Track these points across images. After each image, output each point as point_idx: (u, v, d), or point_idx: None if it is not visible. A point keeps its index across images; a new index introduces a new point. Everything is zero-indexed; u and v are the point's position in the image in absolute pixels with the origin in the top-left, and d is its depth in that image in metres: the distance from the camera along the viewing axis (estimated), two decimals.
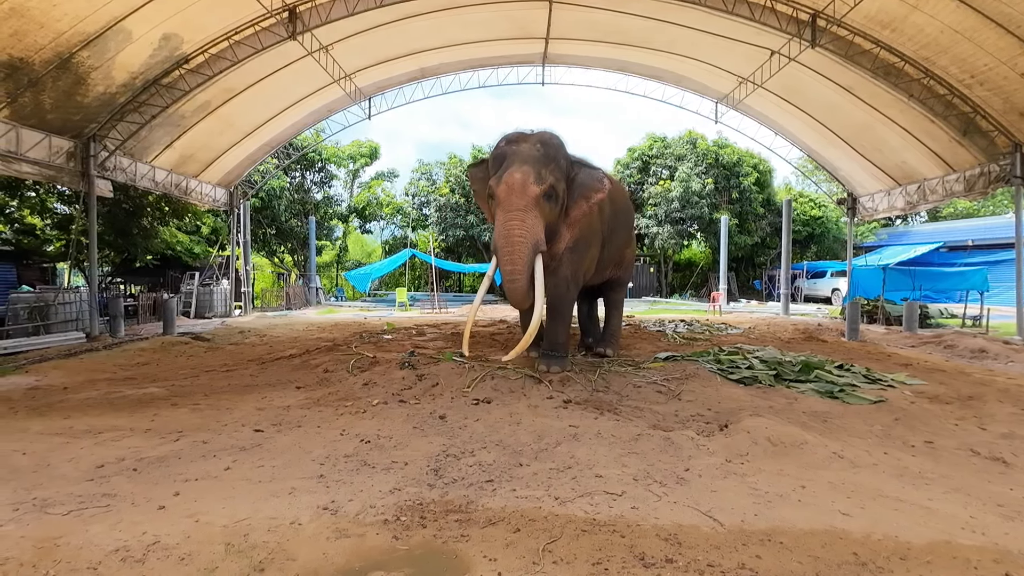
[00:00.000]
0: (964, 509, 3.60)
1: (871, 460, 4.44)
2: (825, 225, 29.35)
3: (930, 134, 14.29)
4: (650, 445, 4.67)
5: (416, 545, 3.15)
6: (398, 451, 4.60)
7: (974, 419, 5.63)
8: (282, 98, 16.35)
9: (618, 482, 3.97)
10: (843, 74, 13.97)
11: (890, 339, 12.41)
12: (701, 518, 3.45)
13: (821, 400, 6.01)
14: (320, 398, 6.28)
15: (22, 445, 4.91)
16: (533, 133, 6.40)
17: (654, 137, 30.04)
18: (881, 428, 5.24)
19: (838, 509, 3.57)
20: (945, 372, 8.12)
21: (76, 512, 3.59)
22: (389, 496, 3.75)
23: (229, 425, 5.39)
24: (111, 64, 11.46)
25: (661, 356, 7.96)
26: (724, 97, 18.15)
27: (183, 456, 4.57)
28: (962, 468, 4.36)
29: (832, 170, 19.29)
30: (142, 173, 14.83)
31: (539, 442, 4.74)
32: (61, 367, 8.83)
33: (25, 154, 11.31)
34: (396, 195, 31.28)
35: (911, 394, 6.44)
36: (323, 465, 4.33)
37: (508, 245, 5.66)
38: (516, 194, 5.69)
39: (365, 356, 8.08)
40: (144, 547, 3.10)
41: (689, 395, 6.13)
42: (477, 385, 6.27)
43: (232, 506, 3.60)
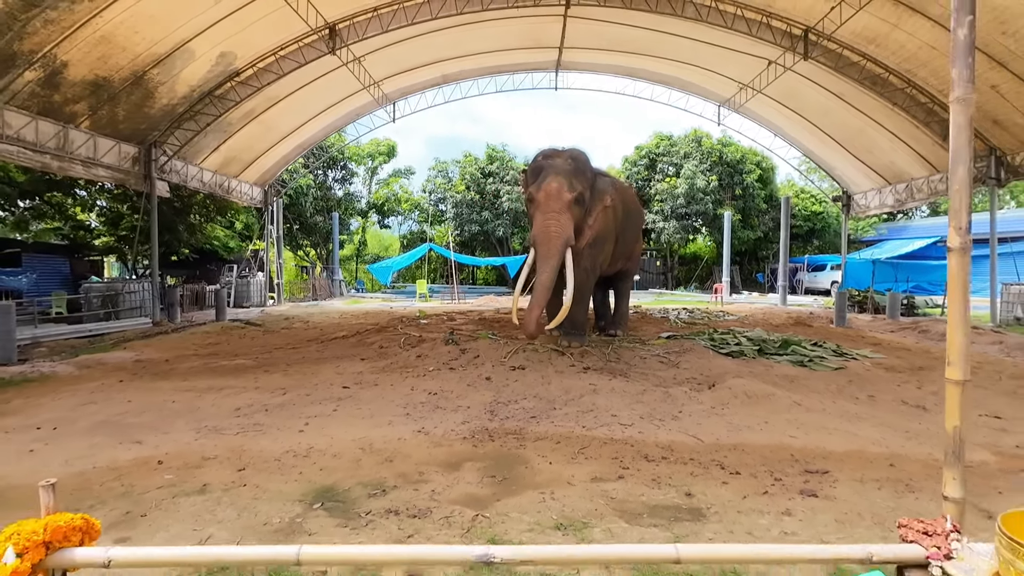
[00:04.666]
0: (880, 434, 4.98)
1: (822, 407, 5.82)
2: (826, 220, 30.49)
3: (915, 138, 15.50)
4: (653, 397, 6.06)
5: (489, 451, 4.56)
6: (459, 400, 6.01)
7: (915, 382, 6.98)
8: (316, 104, 17.72)
9: (628, 418, 5.37)
10: (835, 82, 15.18)
11: (873, 325, 13.70)
12: (688, 438, 4.85)
13: (793, 367, 7.38)
14: (384, 367, 7.70)
15: (168, 396, 6.37)
16: (564, 150, 7.85)
17: (661, 136, 31.23)
18: (836, 387, 6.62)
19: (788, 434, 4.96)
20: (909, 350, 9.45)
21: (241, 433, 5.03)
22: (462, 426, 5.17)
23: (320, 385, 6.82)
24: (175, 79, 12.89)
25: (664, 336, 9.34)
26: (726, 101, 19.38)
27: (296, 403, 6.01)
28: (890, 412, 5.73)
29: (828, 169, 20.51)
30: (192, 174, 16.28)
31: (567, 395, 6.13)
32: (149, 345, 10.32)
33: (101, 159, 12.78)
34: (413, 192, 32.70)
35: (869, 364, 7.80)
36: (406, 408, 5.75)
37: (546, 240, 7.10)
38: (552, 199, 7.15)
39: (412, 335, 9.51)
40: (305, 449, 4.53)
41: (686, 364, 7.51)
42: (512, 356, 7.66)
43: (352, 431, 5.02)
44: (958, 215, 1.19)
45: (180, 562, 2.07)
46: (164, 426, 5.25)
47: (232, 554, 1.75)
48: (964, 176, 1.17)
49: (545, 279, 7.22)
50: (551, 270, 7.20)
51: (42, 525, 1.21)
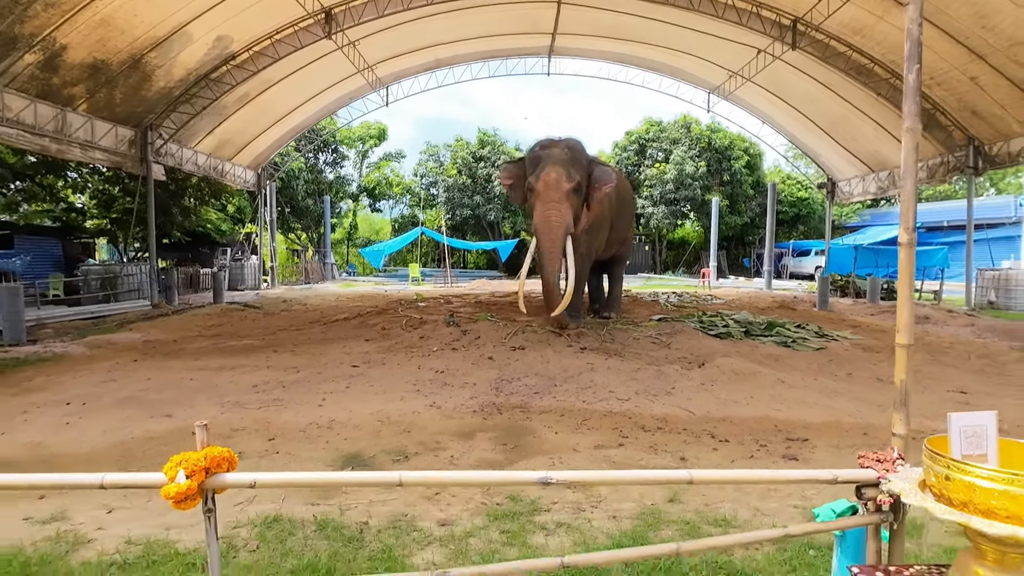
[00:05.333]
0: (856, 408, 5.42)
1: (803, 383, 6.26)
2: (811, 206, 31.08)
3: (898, 127, 15.74)
4: (647, 374, 6.46)
5: (498, 422, 4.93)
6: (466, 377, 6.36)
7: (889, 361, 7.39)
8: (310, 87, 17.76)
9: (624, 394, 5.76)
10: (822, 72, 15.54)
11: (854, 309, 14.24)
12: (681, 411, 5.25)
13: (777, 348, 7.83)
14: (389, 347, 8.02)
15: (184, 375, 6.65)
16: (561, 139, 8.14)
17: (651, 121, 31.50)
18: (817, 365, 7.07)
19: (772, 407, 5.38)
20: (885, 332, 9.94)
21: (263, 408, 5.35)
22: (470, 400, 5.53)
23: (329, 363, 7.13)
24: (173, 63, 12.92)
25: (655, 318, 9.76)
26: (716, 88, 19.69)
27: (310, 380, 6.33)
28: (866, 388, 6.19)
29: (814, 156, 20.98)
30: (187, 157, 16.32)
31: (566, 372, 6.51)
32: (154, 327, 10.55)
33: (98, 142, 12.83)
34: (405, 175, 32.74)
35: (849, 345, 8.27)
36: (415, 385, 6.09)
37: (548, 229, 7.44)
38: (552, 189, 7.47)
39: (413, 317, 9.83)
40: (327, 422, 4.87)
41: (677, 345, 7.92)
42: (512, 337, 8.02)
43: (368, 405, 5.36)
44: (907, 217, 1.53)
45: (307, 483, 3.04)
46: (188, 401, 5.56)
47: (348, 478, 2.30)
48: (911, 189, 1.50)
49: (551, 270, 7.57)
50: (555, 261, 7.55)
51: (202, 455, 1.54)
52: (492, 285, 21.38)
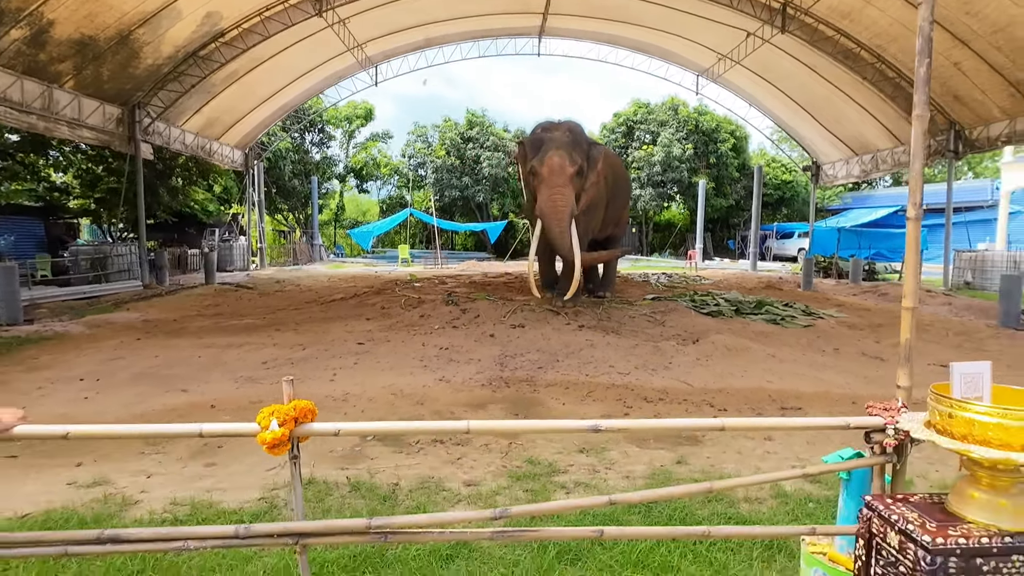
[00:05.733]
0: (844, 380, 5.72)
1: (793, 358, 6.55)
2: (795, 189, 31.55)
3: (882, 111, 16.27)
4: (644, 350, 6.71)
5: (507, 395, 5.14)
6: (470, 354, 6.55)
7: (873, 337, 7.80)
8: (299, 66, 17.55)
9: (625, 368, 6.00)
10: (809, 55, 15.75)
11: (837, 289, 14.66)
12: (679, 384, 5.50)
13: (767, 325, 8.13)
14: (391, 325, 8.18)
15: (191, 352, 6.75)
16: (562, 122, 8.30)
17: (639, 103, 31.59)
18: (806, 341, 7.38)
19: (765, 380, 5.66)
20: (869, 311, 10.33)
21: (277, 383, 5.47)
22: (477, 375, 5.72)
23: (335, 341, 7.27)
24: (161, 39, 12.72)
25: (649, 297, 10.02)
26: (705, 71, 19.83)
27: (318, 357, 6.47)
28: (852, 362, 6.50)
29: (799, 139, 21.30)
30: (175, 136, 16.10)
31: (566, 348, 6.73)
32: (151, 306, 10.56)
33: (86, 120, 12.64)
34: (393, 156, 32.52)
35: (834, 323, 8.60)
36: (422, 361, 6.27)
37: (554, 212, 7.63)
38: (556, 174, 7.66)
39: (411, 297, 9.97)
40: (341, 395, 5.03)
41: (671, 323, 8.18)
42: (511, 316, 8.22)
43: (379, 379, 5.53)
44: (915, 194, 1.73)
45: (384, 431, 3.76)
46: (201, 377, 5.68)
47: (417, 427, 2.53)
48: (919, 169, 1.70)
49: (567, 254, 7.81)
50: (567, 243, 7.78)
51: (291, 406, 1.71)
52: (482, 266, 21.52)
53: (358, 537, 1.76)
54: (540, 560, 2.45)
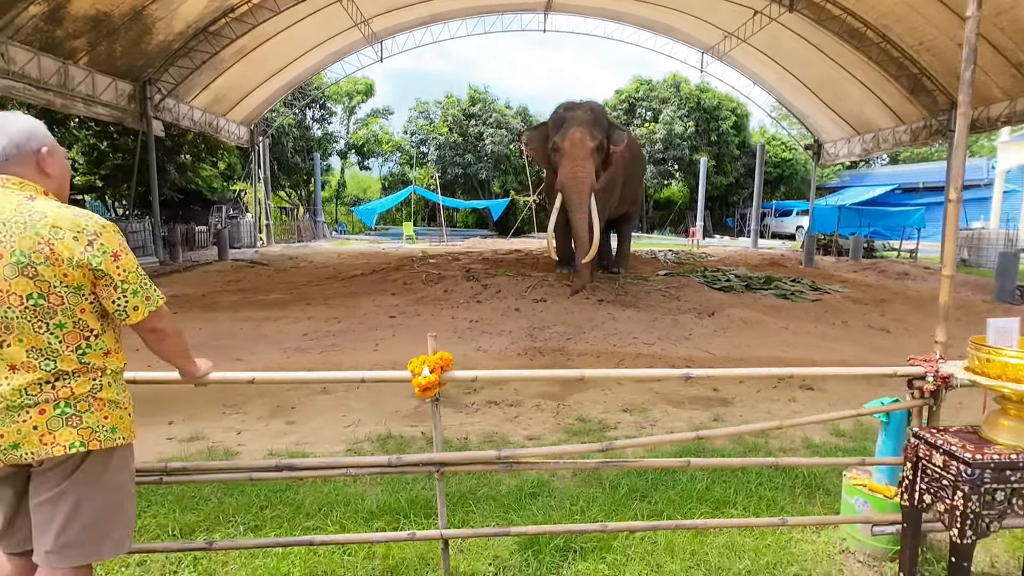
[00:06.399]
0: (855, 350, 6.11)
1: (805, 330, 6.95)
2: (794, 167, 31.80)
3: (885, 90, 16.50)
4: (664, 323, 7.08)
5: (543, 363, 5.50)
6: (499, 326, 6.89)
7: (878, 311, 8.20)
8: (306, 42, 17.52)
9: (648, 339, 6.37)
10: (815, 34, 15.89)
11: (838, 266, 15.07)
12: (702, 353, 5.88)
13: (777, 299, 8.51)
14: (417, 300, 8.50)
15: (232, 325, 7.06)
16: (583, 102, 8.57)
17: (640, 80, 31.55)
18: (815, 315, 7.77)
19: (781, 349, 6.04)
20: (871, 286, 10.73)
21: (324, 352, 5.83)
22: (512, 345, 6.08)
23: (367, 314, 7.59)
24: (173, 15, 12.73)
25: (661, 273, 10.38)
26: (710, 48, 19.91)
27: (355, 329, 6.80)
28: (861, 334, 6.90)
29: (802, 118, 21.50)
30: (183, 113, 16.15)
31: (590, 322, 7.09)
32: (174, 282, 10.81)
33: (99, 97, 12.71)
34: (395, 133, 32.44)
35: (840, 298, 9.00)
36: (455, 332, 6.62)
37: (575, 184, 7.92)
38: (577, 147, 7.93)
39: (432, 273, 10.27)
40: (389, 363, 5.37)
41: (685, 297, 8.55)
42: (532, 290, 8.55)
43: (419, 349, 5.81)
44: (956, 180, 2.05)
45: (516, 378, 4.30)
46: (249, 347, 6.00)
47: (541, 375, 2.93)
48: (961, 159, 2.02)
49: (583, 225, 8.08)
50: (584, 214, 8.05)
51: (438, 356, 2.04)
52: (487, 243, 21.76)
53: (489, 466, 2.11)
54: (613, 497, 2.83)
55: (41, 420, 1.52)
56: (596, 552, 2.38)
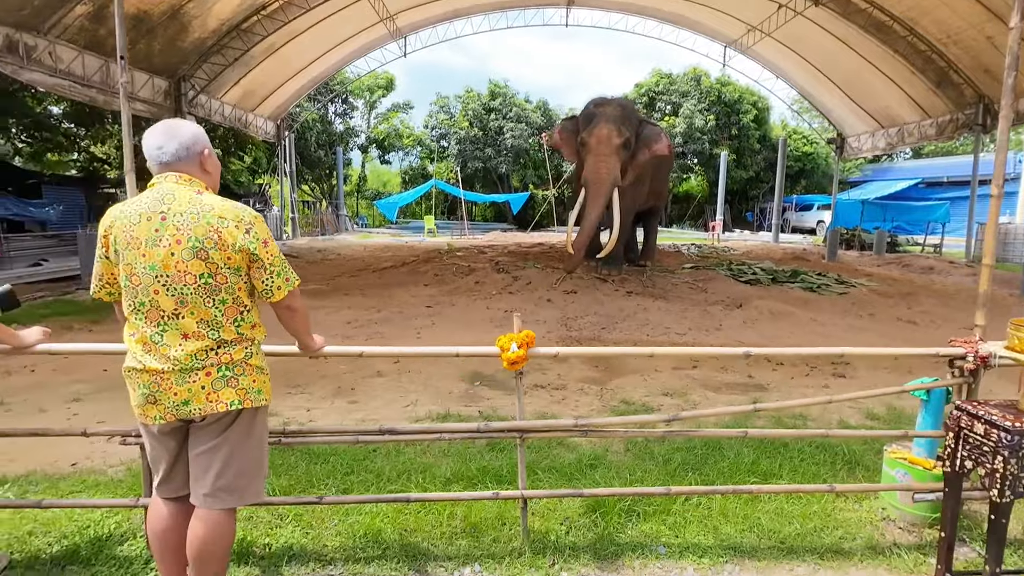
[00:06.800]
0: (884, 341, 6.26)
1: (833, 322, 7.10)
2: (815, 161, 31.57)
3: (910, 83, 16.39)
4: (694, 313, 7.27)
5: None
6: (534, 316, 7.13)
7: (905, 304, 8.31)
8: (332, 37, 17.82)
9: (680, 329, 6.57)
10: (840, 27, 15.83)
11: (861, 261, 15.08)
12: (734, 343, 6.06)
13: (804, 292, 8.65)
14: (450, 291, 8.76)
15: None
16: (614, 99, 8.75)
17: (660, 73, 31.48)
18: (842, 307, 7.91)
19: (810, 340, 6.21)
20: (896, 280, 10.80)
21: (369, 339, 6.11)
22: (548, 334, 6.31)
23: (404, 305, 7.87)
24: (208, 13, 13.08)
25: (687, 266, 10.54)
26: (733, 42, 19.88)
27: (396, 318, 7.08)
28: (888, 326, 7.04)
29: (826, 112, 21.39)
30: (214, 108, 16.55)
31: (622, 312, 7.30)
32: None
33: (138, 93, 13.12)
34: (415, 127, 32.72)
35: (866, 291, 9.10)
36: (492, 321, 6.87)
37: (597, 181, 8.10)
38: (603, 144, 8.11)
39: (462, 265, 10.53)
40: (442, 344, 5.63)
41: (712, 289, 8.72)
42: (562, 282, 8.77)
43: (460, 336, 6.13)
44: (998, 177, 2.24)
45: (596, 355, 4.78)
46: None
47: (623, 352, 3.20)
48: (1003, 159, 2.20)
49: (594, 218, 8.26)
50: (600, 209, 8.23)
51: (524, 335, 2.29)
52: (508, 237, 21.98)
53: (566, 432, 2.36)
54: (666, 469, 3.06)
55: (207, 381, 1.79)
56: (657, 515, 2.62)
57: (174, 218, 1.73)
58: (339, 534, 2.51)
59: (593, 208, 8.30)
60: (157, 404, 1.78)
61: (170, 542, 1.97)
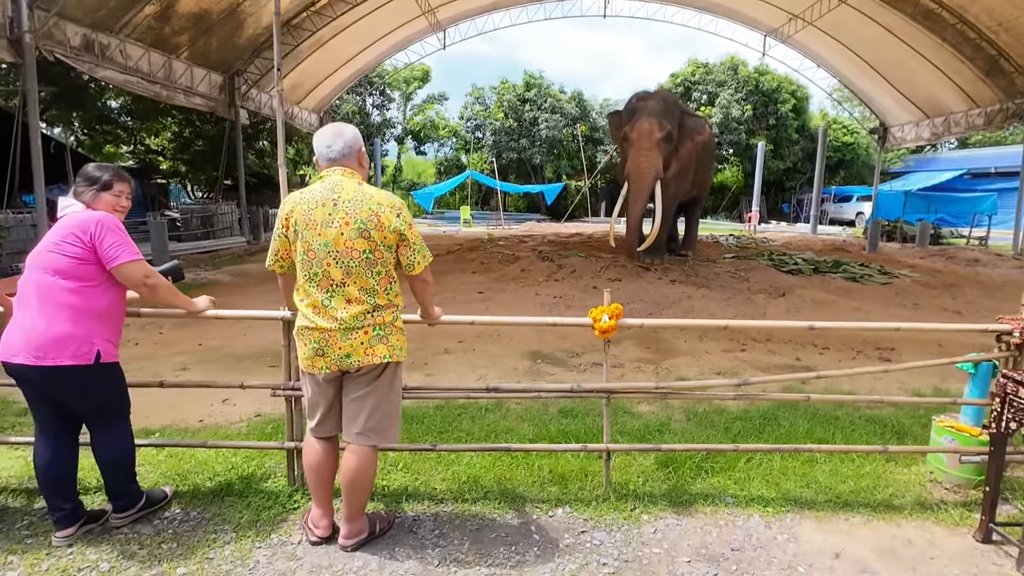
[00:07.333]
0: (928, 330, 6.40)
1: (877, 311, 7.24)
2: (855, 151, 30.93)
3: (959, 72, 16.06)
4: (738, 301, 7.50)
5: (631, 334, 6.03)
6: (582, 302, 7.44)
7: (949, 295, 8.38)
8: (375, 31, 18.28)
9: (725, 316, 6.81)
10: (885, 15, 15.58)
11: (904, 252, 14.95)
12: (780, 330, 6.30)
13: (846, 282, 8.77)
14: (498, 278, 9.14)
15: None
16: (657, 92, 8.96)
17: (696, 62, 31.20)
18: (886, 297, 8.03)
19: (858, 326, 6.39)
20: (940, 272, 10.78)
21: None
22: None
23: (456, 290, 8.27)
24: (262, 10, 13.64)
25: (728, 256, 10.71)
26: (774, 31, 19.69)
27: (449, 303, 7.45)
28: (932, 315, 7.16)
29: (868, 101, 21.03)
30: (264, 102, 17.20)
31: (667, 299, 7.56)
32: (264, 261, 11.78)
33: (196, 88, 13.79)
34: (450, 118, 33.14)
35: (910, 282, 9.17)
36: (542, 306, 7.22)
37: (638, 175, 8.37)
38: (644, 138, 8.36)
39: (506, 254, 10.90)
40: (492, 331, 6.01)
41: (755, 279, 8.90)
42: (606, 270, 9.07)
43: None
44: None
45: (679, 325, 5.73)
46: None
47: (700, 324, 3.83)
48: None
49: (636, 213, 8.52)
50: (642, 204, 8.51)
51: (614, 307, 2.64)
52: (543, 227, 22.27)
53: (648, 394, 2.69)
54: (727, 436, 3.38)
55: (365, 338, 2.18)
56: (723, 472, 2.95)
57: (343, 204, 2.12)
58: (444, 480, 2.90)
59: (635, 203, 8.57)
60: (324, 356, 2.18)
61: (322, 473, 2.38)
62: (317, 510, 2.40)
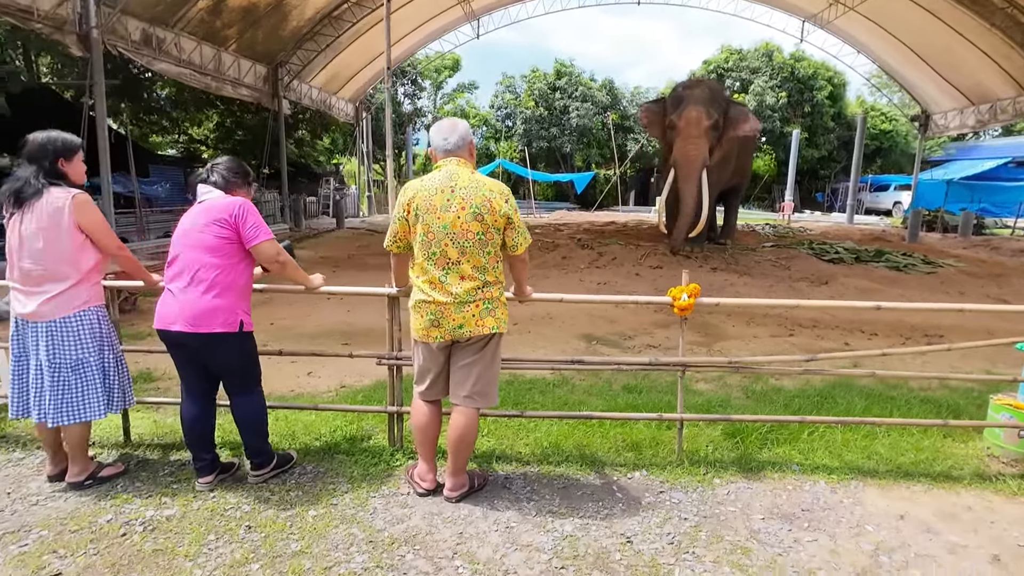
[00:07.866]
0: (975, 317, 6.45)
1: (922, 299, 7.28)
2: (894, 139, 30.19)
3: (1008, 58, 15.63)
4: (781, 288, 7.61)
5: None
6: (626, 288, 7.64)
7: (995, 284, 8.34)
8: (412, 20, 18.52)
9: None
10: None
11: (945, 242, 14.73)
12: (827, 316, 6.42)
13: (890, 271, 8.78)
14: (540, 264, 9.36)
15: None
16: (702, 80, 9.05)
17: (729, 49, 30.74)
18: (930, 285, 8.05)
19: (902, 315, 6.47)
20: (985, 262, 10.66)
21: None
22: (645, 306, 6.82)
23: None
24: (305, 3, 14.00)
25: (767, 245, 10.75)
26: (812, 16, 19.35)
27: None
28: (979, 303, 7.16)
29: (909, 88, 20.57)
30: (304, 92, 17.63)
31: (710, 287, 7.69)
32: (318, 245, 12.21)
33: (243, 79, 14.23)
34: (481, 107, 33.29)
35: (954, 271, 9.13)
36: (588, 293, 7.43)
37: (687, 162, 8.48)
38: (692, 126, 8.46)
39: (546, 242, 11.11)
40: (544, 315, 6.25)
41: (796, 267, 8.97)
42: (646, 258, 9.23)
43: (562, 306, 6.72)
44: None
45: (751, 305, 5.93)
46: None
47: (787, 303, 3.74)
48: None
49: (691, 200, 8.65)
50: (695, 190, 8.63)
51: (693, 286, 2.86)
52: (574, 216, 22.38)
53: (721, 368, 2.90)
54: (788, 411, 3.57)
55: (476, 311, 2.44)
56: (788, 443, 3.15)
57: (460, 191, 2.37)
58: (527, 444, 3.17)
59: (688, 191, 8.70)
60: (439, 327, 2.45)
61: (428, 432, 2.66)
62: (423, 465, 2.68)
